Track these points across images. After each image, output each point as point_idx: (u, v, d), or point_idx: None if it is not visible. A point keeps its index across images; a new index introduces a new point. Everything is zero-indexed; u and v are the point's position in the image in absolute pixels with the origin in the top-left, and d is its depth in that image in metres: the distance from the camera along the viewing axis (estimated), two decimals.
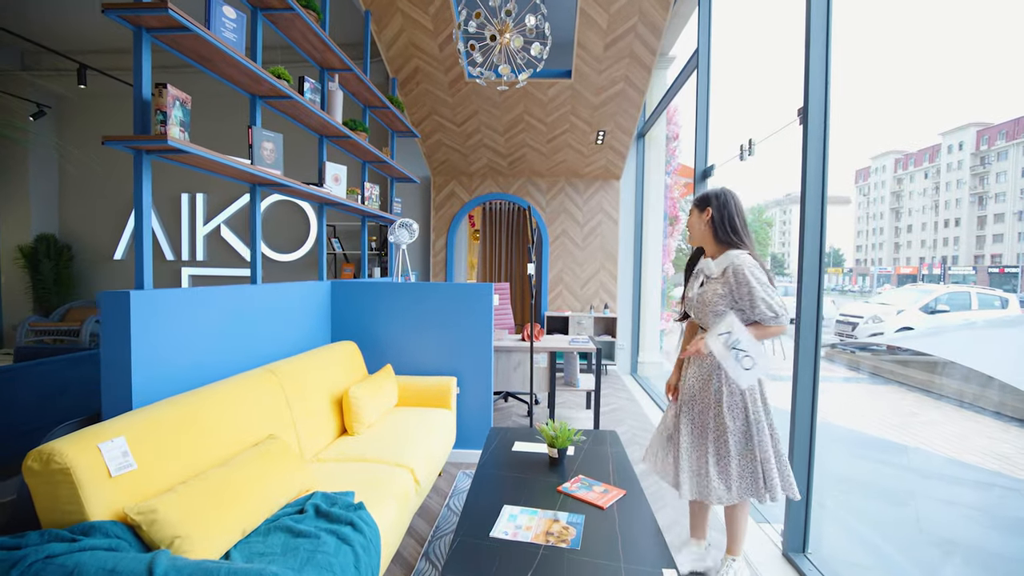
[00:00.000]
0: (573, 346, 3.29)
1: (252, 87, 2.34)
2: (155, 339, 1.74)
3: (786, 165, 2.53)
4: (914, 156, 6.77)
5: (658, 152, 5.93)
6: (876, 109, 13.96)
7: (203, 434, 1.59)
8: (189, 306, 1.93)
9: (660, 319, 6.30)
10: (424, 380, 2.93)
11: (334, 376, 2.53)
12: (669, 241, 6.29)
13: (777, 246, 14.01)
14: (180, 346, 1.86)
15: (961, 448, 3.80)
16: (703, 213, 1.86)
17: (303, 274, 6.71)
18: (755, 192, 5.19)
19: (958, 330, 5.08)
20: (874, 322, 5.50)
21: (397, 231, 3.40)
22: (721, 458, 1.79)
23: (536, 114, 4.81)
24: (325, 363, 2.52)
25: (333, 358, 2.64)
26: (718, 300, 1.78)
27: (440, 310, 3.03)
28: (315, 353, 2.55)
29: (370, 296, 3.09)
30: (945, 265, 5.94)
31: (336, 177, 3.06)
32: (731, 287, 1.75)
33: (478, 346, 3.01)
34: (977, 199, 5.37)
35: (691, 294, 1.89)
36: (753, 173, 3.37)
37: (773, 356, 7.27)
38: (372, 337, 3.10)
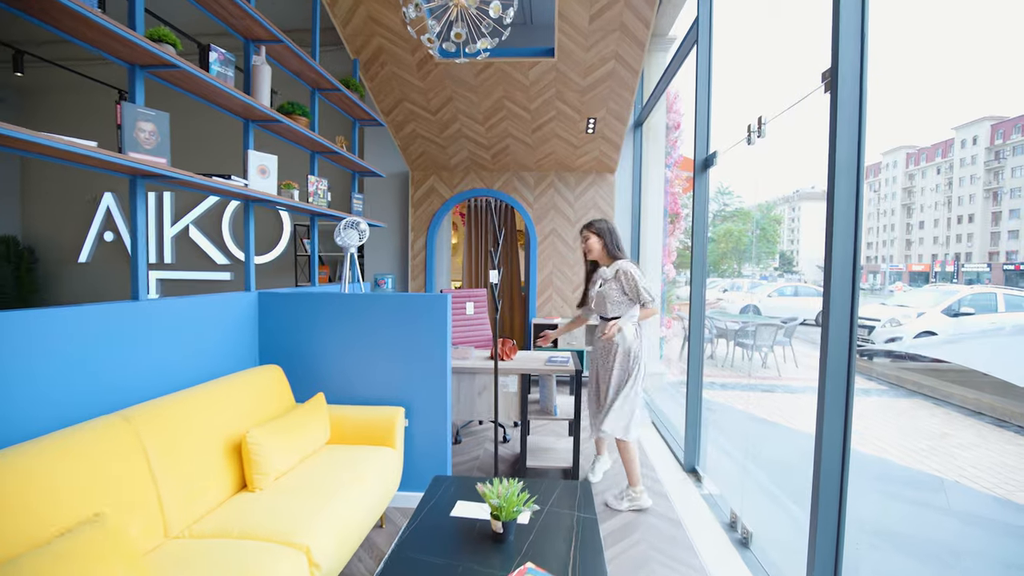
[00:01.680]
0: (550, 367, 2.78)
1: (124, 53, 1.85)
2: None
3: (803, 148, 2.00)
4: (926, 151, 6.71)
5: (657, 143, 5.39)
6: (887, 103, 13.16)
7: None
8: (23, 335, 1.45)
9: (661, 325, 5.78)
10: (364, 412, 2.43)
11: (240, 413, 2.04)
12: (670, 240, 5.76)
13: (786, 244, 13.59)
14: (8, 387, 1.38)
15: (1008, 482, 3.24)
16: (600, 238, 2.72)
17: (277, 277, 6.25)
18: (766, 181, 4.66)
19: (985, 335, 4.61)
20: (892, 326, 5.00)
21: (343, 232, 2.91)
22: (610, 403, 2.62)
23: (518, 99, 4.29)
24: (228, 397, 2.03)
25: (243, 389, 2.15)
26: (613, 293, 2.66)
27: (386, 326, 2.53)
28: (217, 385, 2.06)
29: (304, 310, 2.60)
30: (959, 262, 5.76)
31: (262, 169, 2.57)
32: (622, 283, 2.63)
33: (431, 369, 2.51)
34: (991, 195, 5.28)
35: (592, 293, 2.75)
36: (763, 159, 2.88)
37: (784, 364, 6.73)
38: (306, 359, 2.61)
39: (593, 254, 2.73)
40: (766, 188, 10.33)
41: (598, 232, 2.71)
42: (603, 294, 2.67)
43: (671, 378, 5.82)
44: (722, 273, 11.92)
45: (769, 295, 9.89)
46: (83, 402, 1.66)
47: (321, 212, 3.12)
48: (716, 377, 6.67)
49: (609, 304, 2.66)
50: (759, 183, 5.23)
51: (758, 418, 4.79)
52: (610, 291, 2.65)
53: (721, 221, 12.16)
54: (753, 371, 6.78)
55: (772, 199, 12.66)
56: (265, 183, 2.58)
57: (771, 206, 12.92)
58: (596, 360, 2.75)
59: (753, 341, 6.86)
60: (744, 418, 5.03)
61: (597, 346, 2.74)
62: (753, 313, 8.75)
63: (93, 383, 1.70)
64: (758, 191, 6.85)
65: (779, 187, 9.87)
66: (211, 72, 2.19)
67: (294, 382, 2.60)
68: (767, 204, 12.94)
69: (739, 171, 3.69)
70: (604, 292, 2.67)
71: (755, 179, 4.73)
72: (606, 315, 2.70)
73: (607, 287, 2.66)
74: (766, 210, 12.36)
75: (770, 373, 6.77)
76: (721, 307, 9.81)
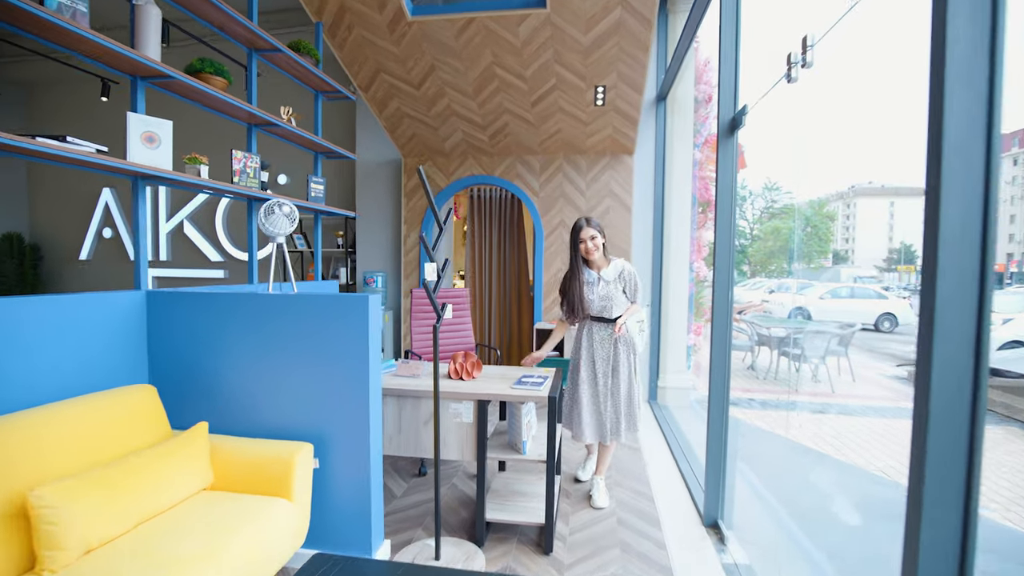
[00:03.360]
0: (517, 391, 2.12)
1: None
2: None
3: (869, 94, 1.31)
4: (1003, 137, 5.77)
5: (684, 119, 4.61)
6: None
7: None
8: None
9: (688, 331, 4.99)
10: (262, 448, 1.86)
11: (64, 453, 1.50)
12: (700, 233, 4.96)
13: (840, 242, 12.51)
14: None
15: None
16: (602, 237, 2.62)
17: (267, 274, 5.85)
18: (819, 157, 3.90)
19: None
20: None
21: (266, 219, 2.34)
22: (614, 406, 2.62)
23: (510, 65, 3.64)
24: (51, 431, 1.49)
25: (84, 419, 1.61)
26: (617, 294, 2.62)
27: (298, 335, 1.95)
28: (40, 413, 1.52)
29: (203, 314, 2.05)
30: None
31: (149, 136, 2.04)
32: (626, 282, 2.65)
33: (351, 392, 1.90)
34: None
35: (593, 296, 2.62)
36: (810, 103, 2.14)
37: (838, 376, 5.77)
38: (203, 376, 2.06)
39: (597, 253, 2.60)
40: (818, 182, 9.24)
41: (599, 231, 2.60)
42: (608, 295, 2.59)
43: (700, 393, 5.01)
44: (770, 273, 10.88)
45: (821, 296, 8.84)
46: None
47: (251, 195, 2.58)
48: (756, 392, 5.78)
49: (615, 306, 2.60)
50: (807, 155, 4.37)
51: (806, 449, 3.95)
52: (615, 292, 2.60)
53: (768, 218, 11.15)
54: (800, 385, 5.86)
55: (824, 195, 11.55)
56: (152, 154, 2.04)
57: (823, 203, 11.81)
58: (595, 362, 2.63)
59: (802, 351, 5.93)
60: (787, 448, 4.18)
61: (599, 348, 2.62)
62: (802, 317, 7.79)
63: None
64: (806, 170, 5.92)
65: (832, 182, 8.78)
66: (49, 5, 1.66)
67: (187, 405, 2.06)
68: (820, 201, 11.82)
69: (777, 122, 3.02)
70: (608, 294, 2.59)
71: (803, 123, 3.91)
72: (611, 316, 2.60)
73: (611, 288, 2.60)
74: (818, 207, 11.25)
75: (821, 388, 5.83)
76: (767, 310, 8.84)
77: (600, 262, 2.63)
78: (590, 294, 2.60)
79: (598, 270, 2.62)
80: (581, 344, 2.66)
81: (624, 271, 2.62)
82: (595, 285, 2.61)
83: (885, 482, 3.32)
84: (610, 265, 2.63)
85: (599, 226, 2.60)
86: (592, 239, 2.56)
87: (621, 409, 2.58)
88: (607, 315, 2.59)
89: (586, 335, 2.64)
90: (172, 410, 2.07)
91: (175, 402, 2.08)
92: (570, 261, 2.65)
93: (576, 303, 2.60)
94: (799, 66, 1.59)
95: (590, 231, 2.56)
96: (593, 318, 2.63)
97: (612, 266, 2.62)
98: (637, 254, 4.73)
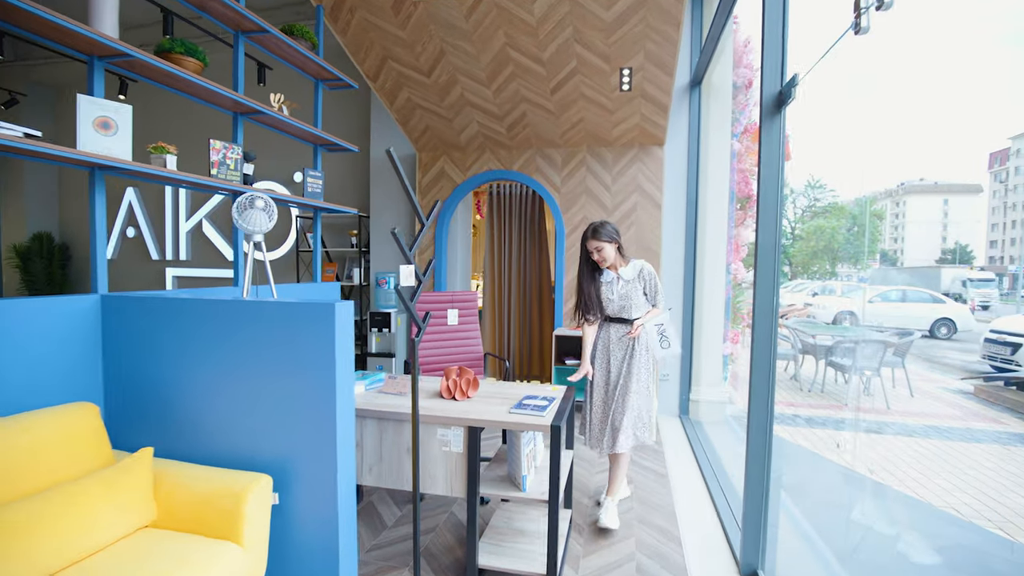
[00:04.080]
0: (514, 417, 1.80)
1: None
2: None
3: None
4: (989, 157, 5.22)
5: (721, 106, 4.18)
6: (1017, 76, 10.71)
7: None
8: None
9: (725, 339, 4.55)
10: (208, 479, 1.60)
11: None
12: (739, 231, 4.51)
13: (888, 242, 11.76)
14: None
15: None
16: (612, 244, 2.48)
17: (285, 275, 5.71)
18: (870, 118, 3.43)
19: None
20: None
21: (239, 214, 2.10)
22: (626, 411, 2.45)
23: (525, 47, 3.32)
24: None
25: (3, 444, 1.38)
26: (637, 295, 2.52)
27: (259, 347, 1.68)
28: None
29: (156, 322, 1.82)
30: None
31: (103, 123, 1.82)
32: (646, 282, 2.54)
33: (317, 414, 1.62)
34: None
35: (613, 296, 2.53)
36: (880, 65, 1.76)
37: (894, 390, 5.20)
38: (154, 392, 1.82)
39: (609, 262, 2.50)
40: (865, 179, 8.58)
41: (610, 239, 2.46)
42: (627, 295, 2.51)
43: (737, 407, 4.56)
44: (812, 275, 10.26)
45: (871, 300, 8.21)
46: None
47: (231, 189, 2.35)
48: (800, 407, 5.25)
49: (634, 306, 2.52)
50: (858, 143, 3.83)
51: (861, 477, 3.47)
52: (634, 292, 2.52)
53: (811, 217, 10.55)
54: (851, 399, 5.31)
55: (872, 193, 10.93)
56: (107, 142, 1.82)
57: (871, 200, 11.26)
58: (610, 364, 2.54)
59: (852, 361, 5.38)
60: (838, 475, 3.70)
61: (615, 350, 2.54)
62: (849, 322, 7.17)
63: None
64: (855, 164, 5.36)
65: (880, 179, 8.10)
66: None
67: (142, 425, 1.83)
68: (868, 198, 11.17)
69: (837, 98, 2.60)
70: (628, 293, 2.51)
71: (854, 134, 3.38)
72: (630, 317, 2.53)
73: (630, 288, 2.52)
74: (865, 205, 10.64)
75: (874, 403, 5.27)
76: (810, 314, 8.22)
77: (618, 263, 2.55)
78: (609, 293, 2.54)
79: (615, 270, 2.55)
80: (596, 346, 2.60)
81: (643, 271, 2.55)
82: (614, 284, 2.54)
83: (959, 523, 2.82)
84: (628, 265, 2.56)
85: (612, 232, 2.48)
86: (599, 250, 2.46)
87: (633, 416, 2.45)
88: (626, 315, 2.53)
89: (602, 336, 2.59)
90: (125, 430, 1.85)
91: (129, 421, 1.86)
92: (580, 264, 2.56)
93: (594, 302, 2.53)
94: (873, 8, 1.21)
95: (595, 243, 2.45)
96: (611, 319, 2.56)
97: (631, 266, 2.55)
98: (668, 255, 4.33)
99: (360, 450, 1.93)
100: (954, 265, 4.87)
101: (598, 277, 2.55)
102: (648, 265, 2.55)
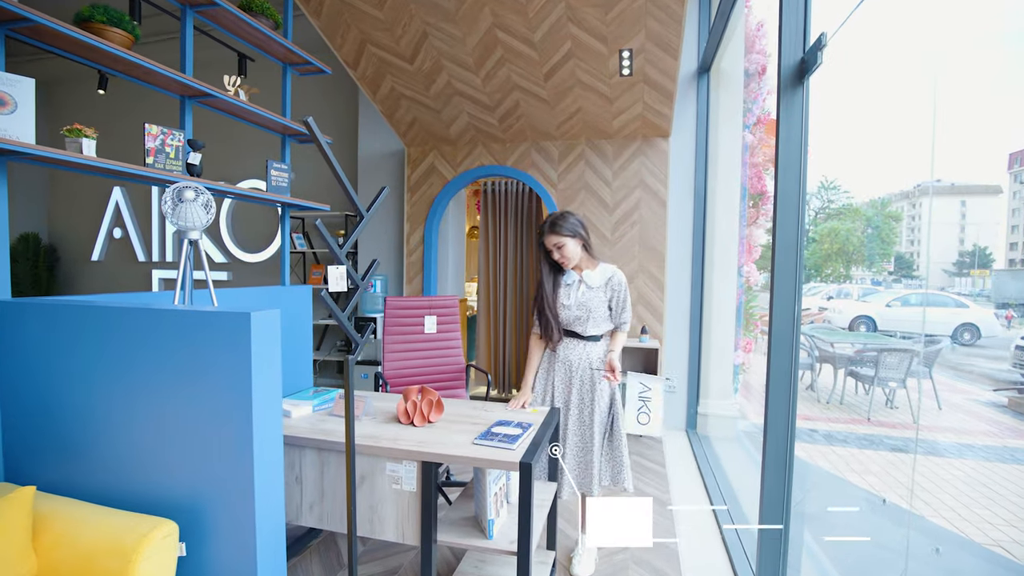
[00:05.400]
0: (478, 450, 1.49)
1: None
2: None
3: None
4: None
5: (732, 95, 3.85)
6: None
7: None
8: None
9: (736, 347, 4.20)
10: (98, 525, 1.31)
11: None
12: (751, 231, 4.17)
13: (904, 244, 11.46)
14: None
15: None
16: (576, 240, 2.05)
17: (274, 276, 5.47)
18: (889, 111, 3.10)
19: None
20: None
21: (171, 208, 1.81)
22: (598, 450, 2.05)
23: (514, 27, 3.02)
24: None
25: None
26: (600, 306, 2.07)
27: (162, 363, 1.39)
28: None
29: (59, 332, 1.54)
30: None
31: (0, 99, 1.55)
32: (613, 293, 2.10)
33: (232, 446, 1.33)
34: None
35: (569, 302, 2.08)
36: (893, 62, 1.50)
37: (920, 402, 4.82)
38: (53, 415, 1.54)
39: (574, 261, 2.09)
40: (880, 181, 8.27)
41: (572, 233, 2.05)
42: (586, 304, 2.06)
43: (749, 422, 4.21)
44: (825, 278, 9.94)
45: (888, 304, 7.84)
46: None
47: (157, 177, 2.06)
48: (818, 421, 4.87)
49: (592, 319, 2.07)
50: (874, 138, 3.44)
51: (892, 505, 3.10)
52: (596, 302, 2.07)
53: (824, 219, 10.27)
54: (873, 413, 4.92)
55: (887, 195, 10.66)
56: (3, 121, 1.54)
57: (887, 202, 11.07)
58: (571, 390, 2.09)
59: (875, 371, 4.99)
60: (864, 503, 3.32)
61: (576, 370, 2.09)
62: (866, 328, 6.78)
63: None
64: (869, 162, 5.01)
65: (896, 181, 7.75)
66: None
67: (40, 455, 1.55)
68: (883, 200, 10.95)
69: (869, 58, 2.32)
70: (588, 302, 2.07)
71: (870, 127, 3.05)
72: (584, 332, 2.08)
73: (592, 296, 2.07)
74: (880, 207, 10.40)
75: (899, 418, 4.88)
76: (825, 319, 7.83)
77: (584, 264, 2.13)
78: (565, 298, 2.09)
79: (580, 271, 2.13)
80: (543, 362, 2.18)
81: (613, 279, 2.11)
82: (574, 288, 2.10)
83: (1008, 564, 2.45)
84: (597, 269, 2.12)
85: (575, 226, 2.05)
86: (559, 247, 2.03)
87: (606, 451, 2.08)
88: (579, 329, 2.08)
89: (560, 352, 2.13)
90: (25, 461, 1.57)
91: (29, 451, 1.57)
92: (540, 266, 2.14)
93: (546, 309, 2.10)
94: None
95: (555, 239, 2.02)
96: (566, 332, 2.11)
97: (600, 270, 2.12)
98: (674, 256, 4.00)
99: (300, 485, 1.63)
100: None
101: (560, 279, 2.12)
102: (620, 273, 2.13)
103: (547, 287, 2.11)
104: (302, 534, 2.30)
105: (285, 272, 2.93)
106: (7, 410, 1.60)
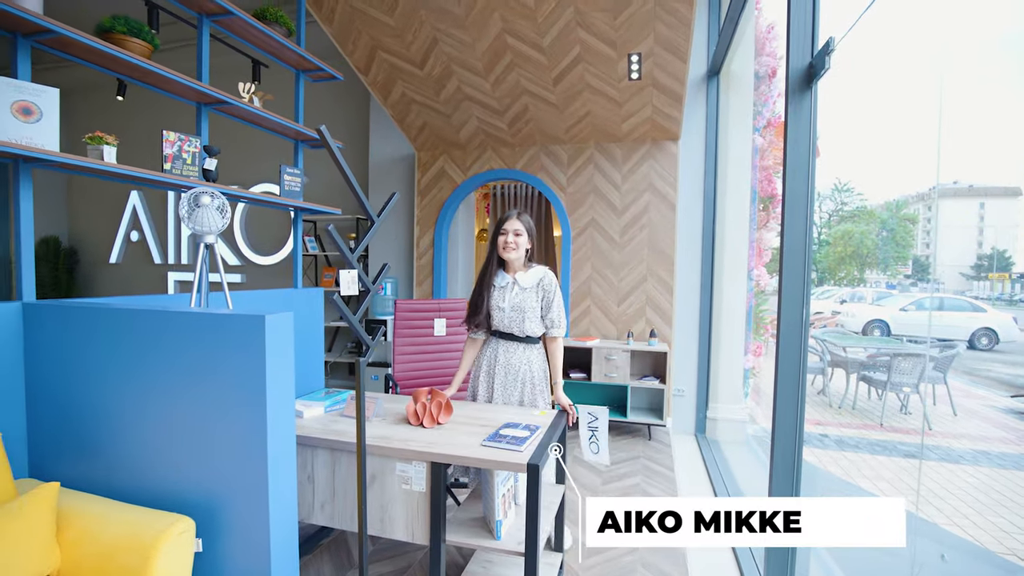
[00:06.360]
0: (486, 451, 1.51)
1: None
2: None
3: None
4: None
5: (742, 98, 3.84)
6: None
7: None
8: None
9: (746, 351, 4.19)
10: (119, 520, 1.35)
11: None
12: (760, 234, 4.15)
13: (920, 247, 11.30)
14: None
15: None
16: (529, 240, 2.19)
17: (288, 279, 5.54)
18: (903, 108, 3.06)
19: None
20: None
21: (188, 213, 1.87)
22: None
23: (523, 32, 3.05)
24: None
25: None
26: (531, 307, 2.16)
27: (180, 364, 1.43)
28: None
29: (84, 334, 1.59)
30: None
31: (26, 108, 1.60)
32: (544, 294, 2.18)
33: (247, 445, 1.36)
34: None
35: (504, 304, 2.17)
36: (909, 61, 1.49)
37: (935, 408, 4.75)
38: (78, 415, 1.59)
39: (519, 253, 2.18)
40: (895, 183, 8.20)
41: (530, 231, 2.20)
42: (520, 306, 2.16)
43: (759, 427, 4.19)
44: (839, 281, 9.83)
45: (903, 308, 7.72)
46: None
47: (175, 183, 2.12)
48: (829, 426, 4.82)
49: (527, 321, 2.16)
50: (891, 135, 3.42)
51: (918, 521, 3.07)
52: (529, 302, 2.17)
53: (838, 222, 10.16)
54: (886, 418, 4.86)
55: (903, 197, 10.53)
56: (28, 130, 1.60)
57: (902, 204, 10.92)
58: (492, 392, 2.18)
59: (888, 376, 4.93)
60: None
61: (517, 380, 2.18)
62: (880, 333, 6.70)
63: None
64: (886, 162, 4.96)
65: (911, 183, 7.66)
66: None
67: (68, 453, 1.60)
68: (899, 202, 10.82)
69: (879, 63, 2.31)
70: (522, 303, 2.16)
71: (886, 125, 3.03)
72: (519, 333, 2.18)
73: (525, 297, 2.17)
74: (895, 209, 10.27)
75: (913, 423, 4.81)
76: (838, 323, 7.74)
77: (518, 265, 2.22)
78: (500, 301, 2.18)
79: (513, 273, 2.22)
80: (482, 367, 2.24)
81: (544, 280, 2.20)
82: (507, 290, 2.19)
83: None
84: (529, 271, 2.22)
85: (532, 228, 2.20)
86: (517, 234, 2.14)
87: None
88: (516, 331, 2.16)
89: (487, 356, 2.22)
90: (49, 458, 1.62)
91: (54, 448, 1.63)
92: (486, 259, 2.24)
93: (481, 310, 2.19)
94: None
95: (516, 224, 2.15)
96: (500, 334, 2.19)
97: (532, 272, 2.22)
98: (683, 260, 4.00)
99: (312, 484, 1.66)
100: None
101: (496, 279, 2.20)
102: (551, 274, 2.21)
103: (490, 269, 2.20)
104: (314, 532, 2.34)
105: (298, 275, 2.98)
106: (34, 407, 1.65)
